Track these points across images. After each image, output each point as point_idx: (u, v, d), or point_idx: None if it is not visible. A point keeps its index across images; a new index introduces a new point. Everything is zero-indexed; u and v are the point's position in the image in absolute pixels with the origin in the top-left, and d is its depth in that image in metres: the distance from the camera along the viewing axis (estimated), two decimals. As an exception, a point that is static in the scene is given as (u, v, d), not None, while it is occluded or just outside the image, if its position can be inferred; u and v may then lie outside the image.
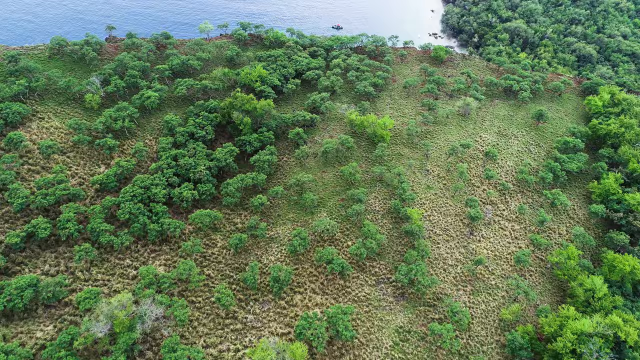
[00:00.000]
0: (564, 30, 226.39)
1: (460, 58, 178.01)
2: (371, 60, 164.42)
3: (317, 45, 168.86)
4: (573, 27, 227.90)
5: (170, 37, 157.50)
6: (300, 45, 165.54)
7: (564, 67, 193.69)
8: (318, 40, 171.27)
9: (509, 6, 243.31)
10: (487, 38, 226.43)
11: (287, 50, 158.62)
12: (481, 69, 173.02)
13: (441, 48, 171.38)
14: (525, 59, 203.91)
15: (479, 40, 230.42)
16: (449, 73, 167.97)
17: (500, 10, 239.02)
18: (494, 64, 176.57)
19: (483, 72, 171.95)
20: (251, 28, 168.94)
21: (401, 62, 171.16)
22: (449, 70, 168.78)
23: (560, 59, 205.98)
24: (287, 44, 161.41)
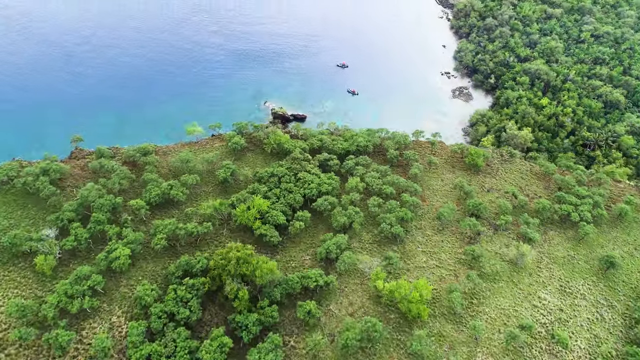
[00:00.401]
0: (588, 72, 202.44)
1: (500, 161, 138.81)
2: (395, 175, 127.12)
3: (328, 148, 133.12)
4: (597, 67, 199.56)
5: (150, 155, 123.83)
6: (308, 150, 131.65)
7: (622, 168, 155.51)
8: (328, 141, 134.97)
9: (527, 43, 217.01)
10: (504, 79, 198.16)
11: (294, 164, 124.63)
12: (525, 176, 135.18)
13: (477, 153, 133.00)
14: (547, 105, 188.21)
15: (496, 82, 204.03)
16: (487, 184, 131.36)
17: (518, 49, 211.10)
18: (538, 167, 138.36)
19: (528, 181, 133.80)
20: (248, 128, 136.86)
21: (429, 169, 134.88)
22: (488, 180, 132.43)
23: (585, 105, 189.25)
24: (293, 155, 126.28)
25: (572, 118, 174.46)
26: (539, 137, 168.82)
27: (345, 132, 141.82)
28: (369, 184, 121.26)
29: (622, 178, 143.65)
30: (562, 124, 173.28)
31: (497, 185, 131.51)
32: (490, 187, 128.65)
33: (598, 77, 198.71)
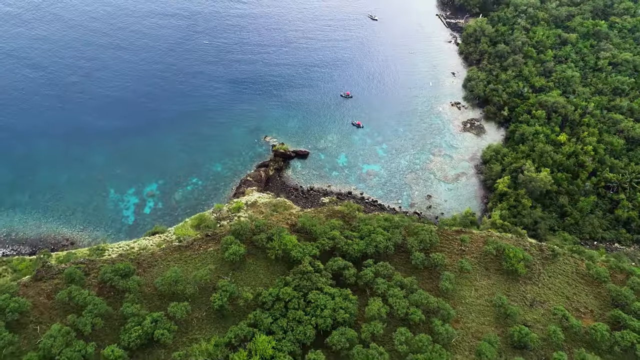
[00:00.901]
0: (607, 103, 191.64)
1: (540, 260, 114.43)
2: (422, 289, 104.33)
3: (342, 250, 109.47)
4: (617, 99, 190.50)
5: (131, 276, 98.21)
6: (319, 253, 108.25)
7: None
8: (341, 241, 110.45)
9: (541, 72, 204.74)
10: (518, 112, 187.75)
11: (302, 280, 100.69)
12: (572, 281, 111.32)
13: (516, 254, 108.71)
14: (566, 142, 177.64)
15: (509, 114, 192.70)
16: (529, 293, 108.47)
17: (533, 78, 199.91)
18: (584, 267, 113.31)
19: (576, 287, 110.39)
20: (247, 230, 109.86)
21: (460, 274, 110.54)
22: (529, 289, 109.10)
23: (606, 143, 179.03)
24: (302, 267, 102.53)
25: (593, 157, 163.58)
26: (558, 178, 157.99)
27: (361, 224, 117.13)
28: (393, 306, 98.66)
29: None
30: (583, 164, 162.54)
31: (541, 294, 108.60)
32: (534, 298, 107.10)
33: (618, 110, 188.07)
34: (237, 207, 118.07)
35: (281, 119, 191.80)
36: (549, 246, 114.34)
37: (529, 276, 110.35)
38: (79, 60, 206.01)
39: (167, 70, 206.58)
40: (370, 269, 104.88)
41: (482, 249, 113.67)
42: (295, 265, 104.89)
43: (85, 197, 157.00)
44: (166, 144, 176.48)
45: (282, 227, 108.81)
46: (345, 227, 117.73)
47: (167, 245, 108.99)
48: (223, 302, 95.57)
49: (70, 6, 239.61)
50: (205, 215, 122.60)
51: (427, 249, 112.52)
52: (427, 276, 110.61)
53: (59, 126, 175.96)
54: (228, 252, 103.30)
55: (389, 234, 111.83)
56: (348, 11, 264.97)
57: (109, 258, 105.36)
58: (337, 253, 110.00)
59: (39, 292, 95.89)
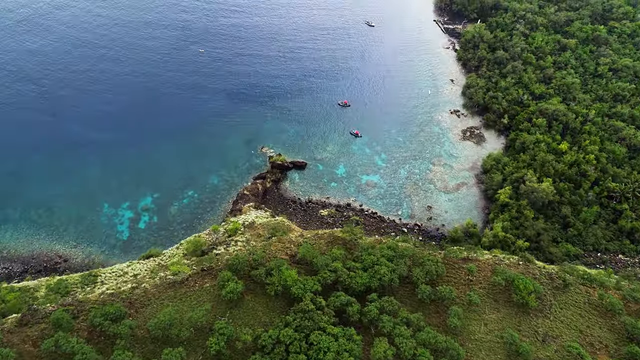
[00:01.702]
0: (608, 110, 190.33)
1: (551, 290, 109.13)
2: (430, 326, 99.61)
3: (344, 284, 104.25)
4: (618, 106, 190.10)
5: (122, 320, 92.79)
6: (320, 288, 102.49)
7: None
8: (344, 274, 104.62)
9: (541, 78, 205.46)
10: (518, 120, 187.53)
11: (304, 320, 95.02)
12: (585, 312, 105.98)
13: (526, 285, 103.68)
14: (568, 151, 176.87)
15: (510, 122, 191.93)
16: (541, 327, 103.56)
17: (532, 85, 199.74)
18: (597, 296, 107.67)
19: (589, 320, 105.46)
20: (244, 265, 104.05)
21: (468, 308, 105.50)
22: (541, 322, 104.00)
23: (608, 151, 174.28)
24: (303, 305, 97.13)
25: (595, 166, 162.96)
26: (561, 188, 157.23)
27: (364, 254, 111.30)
28: (399, 347, 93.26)
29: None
30: (585, 173, 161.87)
31: (553, 328, 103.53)
32: (546, 333, 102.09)
33: (619, 117, 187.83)
34: (234, 228, 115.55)
35: (278, 129, 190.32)
36: (560, 274, 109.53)
37: (540, 308, 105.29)
38: (71, 72, 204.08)
39: (160, 81, 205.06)
40: (375, 304, 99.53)
41: (490, 279, 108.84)
42: (296, 302, 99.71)
43: (79, 212, 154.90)
44: (161, 156, 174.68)
45: (282, 260, 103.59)
46: (347, 256, 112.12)
47: (161, 281, 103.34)
48: (220, 346, 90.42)
49: (61, 18, 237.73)
50: (200, 239, 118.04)
51: (434, 280, 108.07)
52: (434, 310, 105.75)
53: (51, 139, 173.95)
54: (225, 291, 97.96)
55: (393, 265, 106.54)
56: (345, 18, 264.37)
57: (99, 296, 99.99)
58: (340, 287, 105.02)
59: (24, 339, 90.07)
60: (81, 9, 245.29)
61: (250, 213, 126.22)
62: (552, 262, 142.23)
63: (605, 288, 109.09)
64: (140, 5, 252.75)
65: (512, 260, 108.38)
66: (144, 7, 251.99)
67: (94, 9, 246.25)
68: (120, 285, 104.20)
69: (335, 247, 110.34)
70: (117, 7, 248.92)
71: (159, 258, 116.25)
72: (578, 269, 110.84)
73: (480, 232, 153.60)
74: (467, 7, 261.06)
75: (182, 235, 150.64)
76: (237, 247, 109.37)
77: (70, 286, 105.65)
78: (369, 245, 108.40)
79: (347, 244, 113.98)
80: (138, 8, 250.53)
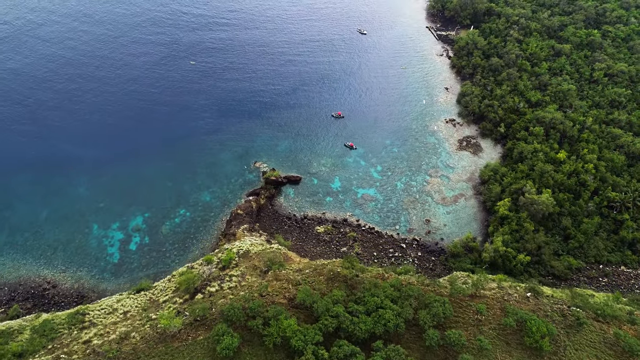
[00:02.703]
0: (605, 117, 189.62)
1: (565, 330, 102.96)
2: None
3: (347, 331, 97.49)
4: (615, 112, 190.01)
5: None
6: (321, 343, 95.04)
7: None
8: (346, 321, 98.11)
9: (537, 85, 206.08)
10: (515, 128, 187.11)
11: None
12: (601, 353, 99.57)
13: (539, 327, 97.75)
14: (566, 160, 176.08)
15: (506, 131, 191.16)
16: None
17: (528, 93, 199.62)
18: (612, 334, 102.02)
19: None
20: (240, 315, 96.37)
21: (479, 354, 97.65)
22: None
23: (607, 160, 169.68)
24: (306, 358, 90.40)
25: (595, 175, 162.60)
26: (560, 199, 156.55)
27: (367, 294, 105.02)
28: None
29: None
30: (584, 183, 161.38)
31: None
32: None
33: (616, 124, 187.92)
34: (227, 258, 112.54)
35: (271, 143, 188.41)
36: (573, 313, 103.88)
37: (554, 351, 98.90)
38: (57, 89, 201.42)
39: (149, 97, 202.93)
40: (380, 354, 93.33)
41: (500, 319, 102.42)
42: (297, 355, 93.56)
43: (67, 234, 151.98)
44: (151, 173, 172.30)
45: (280, 308, 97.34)
46: (349, 294, 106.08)
47: (152, 330, 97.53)
48: None
49: (44, 35, 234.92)
50: (193, 274, 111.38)
51: (441, 323, 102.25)
52: (443, 356, 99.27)
53: (37, 158, 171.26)
54: (220, 347, 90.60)
55: (398, 308, 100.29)
56: (336, 28, 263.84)
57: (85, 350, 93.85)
58: (342, 334, 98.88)
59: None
60: (65, 26, 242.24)
61: (244, 239, 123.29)
62: (555, 276, 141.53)
63: (619, 322, 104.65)
64: (126, 21, 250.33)
65: (519, 291, 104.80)
66: (130, 22, 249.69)
67: (79, 25, 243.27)
68: (109, 330, 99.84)
69: (335, 285, 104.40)
70: (102, 24, 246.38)
71: (150, 292, 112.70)
72: (586, 296, 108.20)
73: (480, 245, 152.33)
74: (460, 13, 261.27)
75: (174, 256, 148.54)
76: (232, 283, 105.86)
77: (56, 327, 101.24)
78: (371, 282, 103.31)
79: (347, 280, 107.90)
80: (124, 24, 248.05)
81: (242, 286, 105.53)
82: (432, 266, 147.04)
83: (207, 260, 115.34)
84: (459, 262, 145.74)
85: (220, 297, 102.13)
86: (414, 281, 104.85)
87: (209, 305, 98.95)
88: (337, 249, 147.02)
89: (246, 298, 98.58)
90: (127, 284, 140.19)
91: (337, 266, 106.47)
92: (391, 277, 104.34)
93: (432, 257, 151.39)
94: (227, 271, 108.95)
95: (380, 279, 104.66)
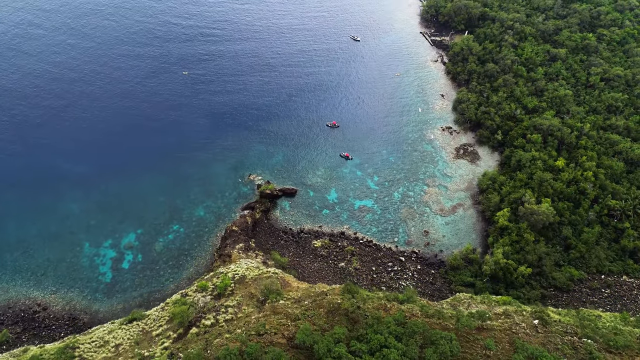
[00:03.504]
0: (603, 122, 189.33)
1: None
2: None
3: None
4: (612, 118, 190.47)
5: None
6: None
7: None
8: None
9: (533, 91, 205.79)
10: (513, 135, 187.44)
11: None
12: None
13: None
14: (565, 168, 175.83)
15: (504, 138, 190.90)
16: None
17: (525, 99, 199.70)
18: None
19: None
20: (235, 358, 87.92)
21: None
22: None
23: (606, 167, 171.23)
24: None
25: (594, 183, 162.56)
26: (560, 208, 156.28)
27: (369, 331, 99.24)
28: None
29: None
30: (584, 191, 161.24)
31: None
32: None
33: (614, 129, 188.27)
34: (223, 285, 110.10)
35: (265, 154, 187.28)
36: (585, 345, 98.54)
37: None
38: (44, 106, 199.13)
39: (139, 110, 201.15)
40: None
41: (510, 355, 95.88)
42: None
43: (57, 253, 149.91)
44: (143, 188, 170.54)
45: (279, 351, 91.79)
46: (351, 330, 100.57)
47: None
48: None
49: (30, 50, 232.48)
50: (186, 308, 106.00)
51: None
52: None
53: (25, 174, 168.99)
54: None
55: (403, 346, 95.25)
56: (329, 35, 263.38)
57: None
58: None
59: None
60: (52, 39, 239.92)
61: (240, 262, 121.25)
62: (556, 288, 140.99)
63: (631, 353, 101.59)
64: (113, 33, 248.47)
65: (526, 317, 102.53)
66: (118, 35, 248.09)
67: (66, 39, 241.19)
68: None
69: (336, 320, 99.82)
70: (90, 37, 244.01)
71: (143, 322, 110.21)
72: (594, 319, 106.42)
73: (480, 257, 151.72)
74: (454, 18, 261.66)
75: (168, 274, 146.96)
76: (228, 315, 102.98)
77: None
78: (373, 316, 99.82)
79: (349, 314, 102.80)
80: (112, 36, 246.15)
81: (238, 319, 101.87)
82: (432, 280, 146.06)
83: (201, 287, 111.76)
84: (459, 275, 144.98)
85: (215, 334, 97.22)
86: (418, 312, 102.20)
87: (204, 346, 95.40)
88: (335, 265, 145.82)
89: (242, 340, 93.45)
90: (120, 305, 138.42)
91: (336, 295, 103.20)
92: (394, 309, 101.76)
93: (432, 270, 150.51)
94: (223, 300, 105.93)
95: (382, 309, 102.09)
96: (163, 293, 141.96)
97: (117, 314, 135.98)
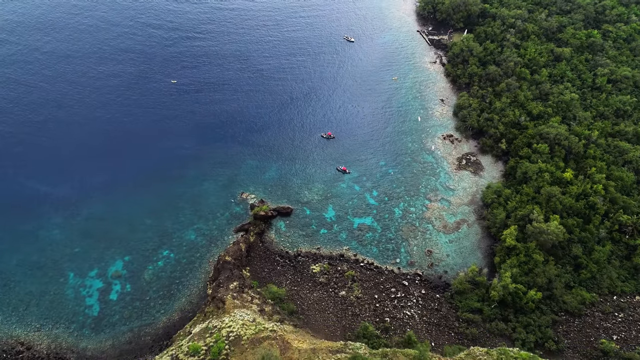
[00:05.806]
0: (611, 128, 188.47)
1: None
2: None
3: None
4: (621, 123, 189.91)
5: None
6: None
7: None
8: None
9: (537, 95, 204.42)
10: (517, 145, 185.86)
11: None
12: None
13: None
14: (574, 180, 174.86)
15: (508, 147, 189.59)
16: None
17: (529, 104, 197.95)
18: None
19: None
20: None
21: None
22: None
23: (616, 178, 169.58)
24: None
25: (604, 197, 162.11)
26: (569, 224, 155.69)
27: None
28: None
29: None
30: (594, 206, 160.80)
31: None
32: None
33: (623, 136, 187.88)
34: (216, 350, 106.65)
35: (257, 169, 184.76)
36: None
37: None
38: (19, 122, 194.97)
39: (122, 123, 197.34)
40: None
41: None
42: None
43: (40, 285, 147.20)
44: (129, 210, 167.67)
45: None
46: None
47: None
48: None
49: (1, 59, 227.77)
50: None
51: None
52: None
53: (1, 200, 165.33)
54: None
55: None
56: (322, 36, 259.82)
57: None
58: None
59: None
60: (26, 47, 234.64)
61: (234, 314, 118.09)
62: (568, 312, 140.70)
63: None
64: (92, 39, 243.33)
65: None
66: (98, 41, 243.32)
67: (42, 46, 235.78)
68: None
69: None
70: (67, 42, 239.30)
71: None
72: None
73: (487, 278, 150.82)
74: (453, 15, 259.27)
75: (159, 305, 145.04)
76: None
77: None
78: None
79: None
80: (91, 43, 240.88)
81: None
82: (437, 306, 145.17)
83: (193, 350, 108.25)
84: (465, 300, 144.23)
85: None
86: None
87: None
88: (335, 294, 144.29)
89: None
90: (108, 342, 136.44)
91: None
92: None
93: (437, 295, 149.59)
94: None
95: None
96: (154, 327, 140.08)
97: (106, 351, 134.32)
